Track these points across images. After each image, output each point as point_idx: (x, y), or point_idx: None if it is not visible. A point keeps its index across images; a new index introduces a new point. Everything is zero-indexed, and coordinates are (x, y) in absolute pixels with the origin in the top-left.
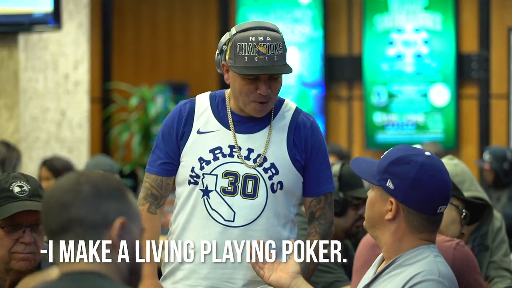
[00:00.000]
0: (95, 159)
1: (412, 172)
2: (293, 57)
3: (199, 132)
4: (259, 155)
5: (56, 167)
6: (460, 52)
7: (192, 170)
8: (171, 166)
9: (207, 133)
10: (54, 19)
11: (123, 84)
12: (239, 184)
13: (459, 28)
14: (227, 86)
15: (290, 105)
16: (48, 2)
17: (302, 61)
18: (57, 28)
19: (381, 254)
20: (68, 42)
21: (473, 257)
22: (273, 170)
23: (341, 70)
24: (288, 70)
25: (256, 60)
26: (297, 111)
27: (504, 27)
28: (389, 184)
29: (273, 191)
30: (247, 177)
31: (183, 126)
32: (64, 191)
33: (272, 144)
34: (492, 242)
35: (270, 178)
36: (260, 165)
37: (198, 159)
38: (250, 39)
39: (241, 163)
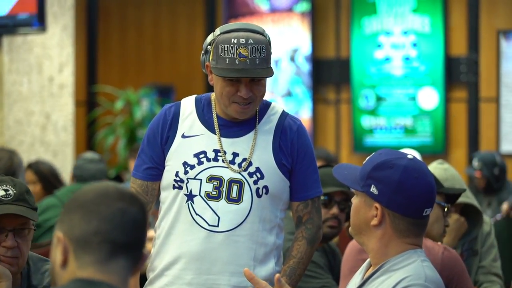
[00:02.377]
0: (92, 167)
1: (395, 176)
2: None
3: (183, 136)
4: (244, 160)
5: (41, 170)
6: (449, 55)
7: (177, 174)
8: (155, 170)
9: (191, 137)
10: (39, 21)
11: (108, 87)
12: (224, 189)
13: (447, 31)
14: (213, 89)
15: (277, 108)
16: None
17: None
18: (41, 31)
19: (368, 259)
20: (52, 44)
21: (461, 261)
22: (258, 174)
23: (329, 73)
24: (270, 74)
25: (237, 63)
26: (284, 115)
27: (493, 30)
28: (373, 189)
29: (258, 195)
30: (231, 181)
31: (167, 130)
32: (141, 212)
33: (258, 148)
34: (481, 247)
35: (255, 182)
36: (245, 170)
37: (183, 163)
38: (232, 41)
39: (226, 167)
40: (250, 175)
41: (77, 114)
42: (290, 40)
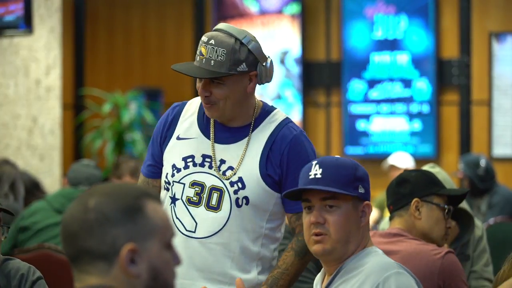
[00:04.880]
0: (85, 171)
1: (364, 170)
2: None
3: (178, 138)
4: (229, 168)
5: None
6: (441, 58)
7: (166, 176)
8: (155, 168)
9: (185, 139)
10: (25, 23)
11: (96, 90)
12: (204, 196)
13: (439, 33)
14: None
15: (278, 116)
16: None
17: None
18: (28, 33)
19: (319, 275)
20: (39, 47)
21: (460, 266)
22: (239, 184)
23: (319, 76)
24: (214, 75)
25: (197, 60)
26: (282, 124)
27: (485, 32)
28: (361, 189)
29: (238, 205)
30: (212, 189)
31: (166, 130)
32: (73, 219)
33: (246, 157)
34: (473, 251)
35: (236, 192)
36: (227, 178)
37: (172, 165)
38: (202, 39)
39: (209, 174)
40: (232, 184)
41: (65, 117)
42: (280, 43)
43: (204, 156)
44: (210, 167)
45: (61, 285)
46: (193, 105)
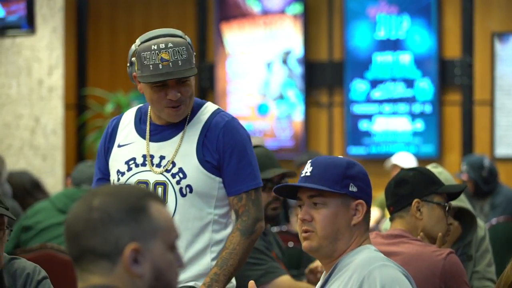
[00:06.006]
0: (88, 171)
1: (362, 169)
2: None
3: (119, 146)
4: (169, 161)
5: (12, 185)
6: (443, 58)
7: (113, 182)
8: (104, 181)
9: (125, 145)
10: (28, 23)
11: (98, 90)
12: None
13: (441, 33)
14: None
15: (209, 108)
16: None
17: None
18: (30, 33)
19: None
20: (42, 47)
21: (462, 267)
22: (180, 174)
23: (322, 76)
24: (193, 72)
25: (161, 67)
26: (215, 113)
27: (487, 32)
28: (352, 188)
29: (182, 195)
30: (156, 184)
31: (107, 142)
32: (77, 219)
33: (182, 148)
34: (476, 252)
35: (178, 182)
36: (168, 171)
37: (116, 171)
38: (153, 48)
39: (152, 171)
40: (173, 175)
41: (67, 117)
42: (282, 43)
43: (144, 156)
44: (152, 164)
45: (64, 285)
46: (129, 115)
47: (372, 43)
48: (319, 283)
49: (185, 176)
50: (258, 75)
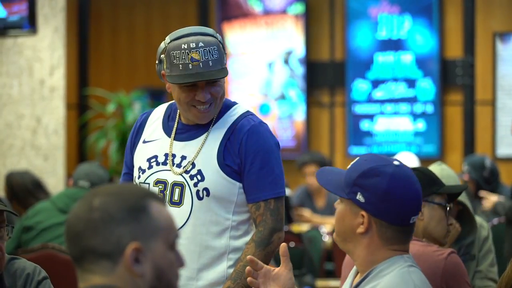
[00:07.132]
0: (86, 167)
1: (383, 184)
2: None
3: (144, 142)
4: (189, 162)
5: (12, 185)
6: (445, 58)
7: (134, 179)
8: (130, 176)
9: (150, 142)
10: (29, 23)
11: (100, 90)
12: (167, 192)
13: (443, 33)
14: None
15: (238, 110)
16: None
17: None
18: (32, 33)
19: (354, 268)
20: (43, 47)
21: (463, 267)
22: (198, 176)
23: (323, 76)
24: (224, 74)
25: (191, 68)
26: (242, 116)
27: (489, 32)
28: (359, 197)
29: (199, 198)
30: (174, 184)
31: (135, 137)
32: (78, 219)
33: (204, 150)
34: (479, 251)
35: (195, 185)
36: (187, 172)
37: (138, 168)
38: (183, 47)
39: (171, 171)
40: (191, 177)
41: (68, 117)
42: (284, 43)
43: (166, 155)
44: (173, 164)
45: (65, 285)
46: (159, 111)
47: (373, 43)
48: (348, 283)
49: (203, 179)
50: (259, 75)
